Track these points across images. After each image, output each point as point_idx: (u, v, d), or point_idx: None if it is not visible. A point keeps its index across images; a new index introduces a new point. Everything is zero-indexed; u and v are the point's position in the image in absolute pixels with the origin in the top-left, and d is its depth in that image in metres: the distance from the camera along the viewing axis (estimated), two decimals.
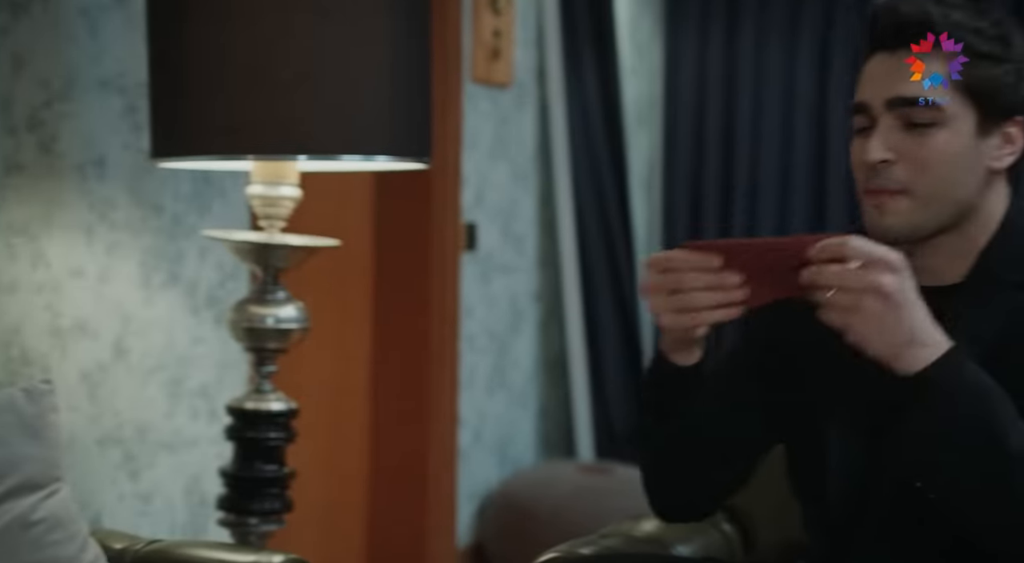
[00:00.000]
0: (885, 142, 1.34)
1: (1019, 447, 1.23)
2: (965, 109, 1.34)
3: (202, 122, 1.94)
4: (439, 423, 3.27)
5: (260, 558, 1.73)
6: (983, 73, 1.34)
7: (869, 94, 1.37)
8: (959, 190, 1.35)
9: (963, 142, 1.34)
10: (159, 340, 2.42)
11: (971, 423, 1.24)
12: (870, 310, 1.23)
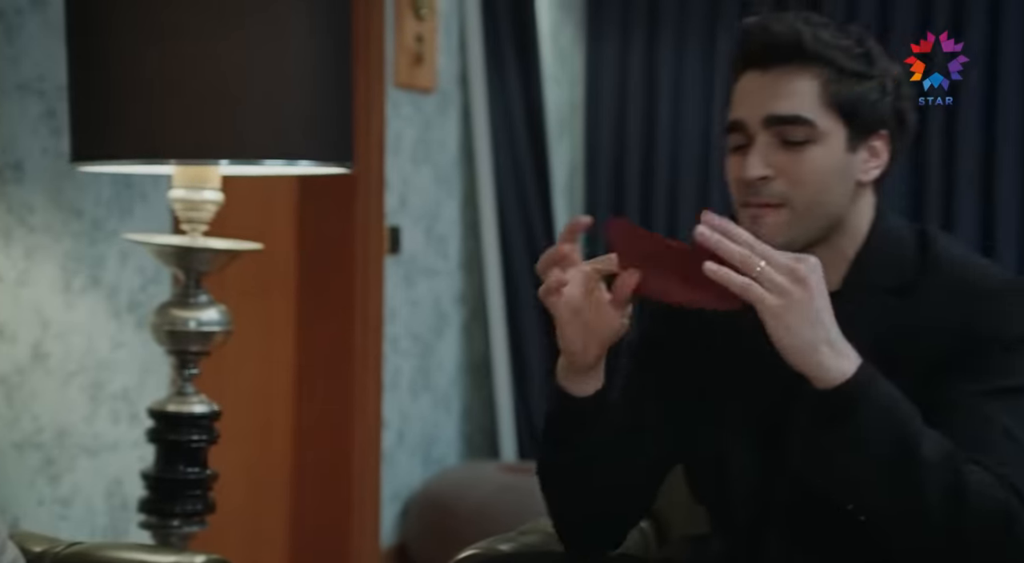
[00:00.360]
0: (763, 159, 1.38)
1: (930, 455, 1.28)
2: (835, 125, 1.39)
3: (123, 126, 1.95)
4: (363, 425, 3.29)
5: (182, 559, 1.74)
6: (850, 90, 1.39)
7: (745, 112, 1.41)
8: (833, 203, 1.41)
9: (835, 157, 1.39)
10: (79, 344, 2.41)
11: (888, 436, 1.28)
12: (797, 295, 1.27)
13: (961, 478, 1.28)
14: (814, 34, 1.38)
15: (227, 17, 1.92)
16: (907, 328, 1.39)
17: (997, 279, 1.42)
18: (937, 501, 1.27)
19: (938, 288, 1.41)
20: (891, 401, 1.30)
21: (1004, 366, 1.36)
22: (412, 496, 3.50)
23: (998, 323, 1.37)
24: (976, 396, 1.35)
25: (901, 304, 1.41)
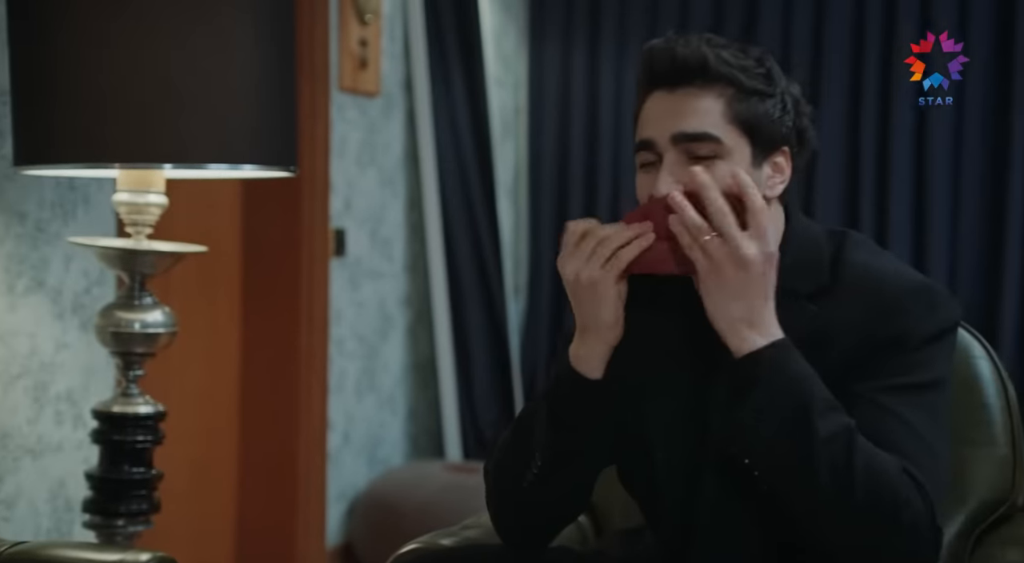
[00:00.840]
0: (673, 175, 1.44)
1: (827, 433, 1.35)
2: (740, 142, 1.46)
3: (67, 130, 1.96)
4: (308, 426, 3.31)
5: (127, 556, 1.76)
6: (753, 108, 1.45)
7: (654, 131, 1.46)
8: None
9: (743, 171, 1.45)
10: (23, 346, 2.42)
11: (786, 404, 1.36)
12: (729, 272, 1.37)
13: (851, 458, 1.35)
14: (717, 55, 1.44)
15: (171, 24, 1.94)
16: (820, 330, 1.46)
17: (904, 282, 1.48)
18: (826, 476, 1.34)
19: (847, 292, 1.47)
20: (796, 376, 1.38)
21: (906, 364, 1.43)
22: (358, 496, 3.53)
23: (901, 325, 1.44)
24: (879, 392, 1.42)
25: (815, 310, 1.47)
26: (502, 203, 4.18)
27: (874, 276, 1.49)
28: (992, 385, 1.80)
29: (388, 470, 3.63)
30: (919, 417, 1.42)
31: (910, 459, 1.39)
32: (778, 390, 1.37)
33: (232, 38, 2.00)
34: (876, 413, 1.41)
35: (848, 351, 1.44)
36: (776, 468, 1.38)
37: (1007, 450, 1.77)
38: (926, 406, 1.43)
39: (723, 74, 1.44)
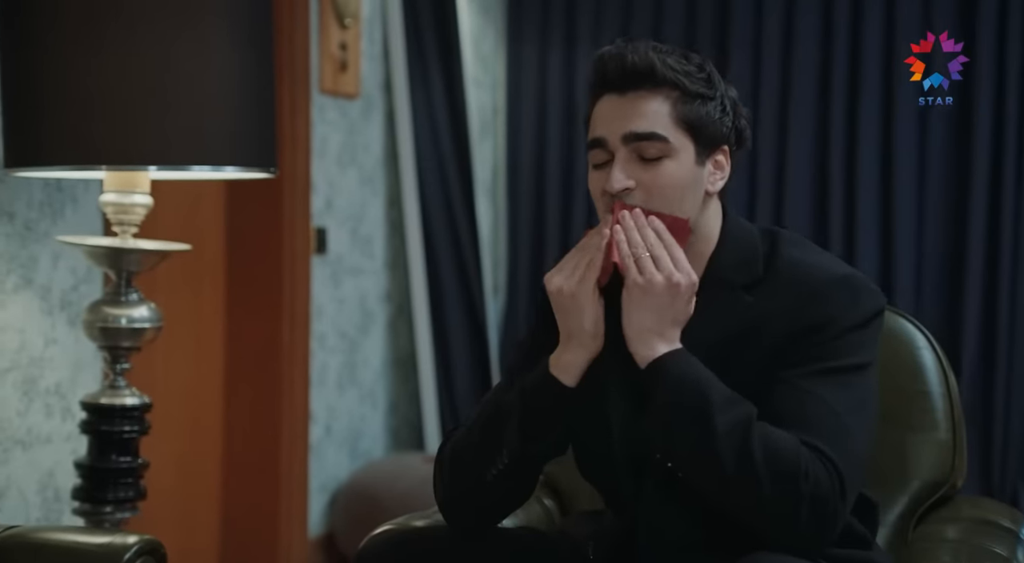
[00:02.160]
0: (624, 172, 1.55)
1: (725, 426, 1.47)
2: (685, 141, 1.57)
3: (55, 134, 2.05)
4: (290, 419, 3.40)
5: (115, 539, 1.86)
6: (696, 110, 1.56)
7: (606, 131, 1.57)
8: (686, 211, 1.58)
9: (686, 170, 1.57)
10: (12, 341, 2.50)
11: (686, 405, 1.49)
12: (657, 289, 1.51)
13: (750, 445, 1.46)
14: (663, 61, 1.55)
15: (155, 31, 2.03)
16: (754, 320, 1.57)
17: (828, 274, 1.59)
18: (730, 463, 1.46)
19: (779, 284, 1.58)
20: (696, 377, 1.50)
21: (830, 350, 1.54)
22: (339, 487, 3.63)
23: (825, 312, 1.55)
24: (803, 377, 1.52)
25: (750, 301, 1.58)
26: (481, 202, 4.27)
27: (803, 269, 1.59)
28: (934, 374, 1.91)
29: (369, 462, 3.73)
30: (838, 398, 1.52)
31: (825, 437, 1.49)
32: (680, 390, 1.49)
33: (212, 45, 2.08)
34: (797, 395, 1.51)
35: (779, 339, 1.55)
36: (685, 459, 1.51)
37: (947, 435, 1.88)
38: (846, 388, 1.53)
39: (669, 78, 1.55)
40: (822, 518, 1.47)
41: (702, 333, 1.56)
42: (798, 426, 1.49)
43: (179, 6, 2.04)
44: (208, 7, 2.08)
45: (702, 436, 1.47)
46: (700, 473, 1.50)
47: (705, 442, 1.47)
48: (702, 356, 1.55)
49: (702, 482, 1.51)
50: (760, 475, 1.46)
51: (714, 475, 1.48)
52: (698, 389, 1.50)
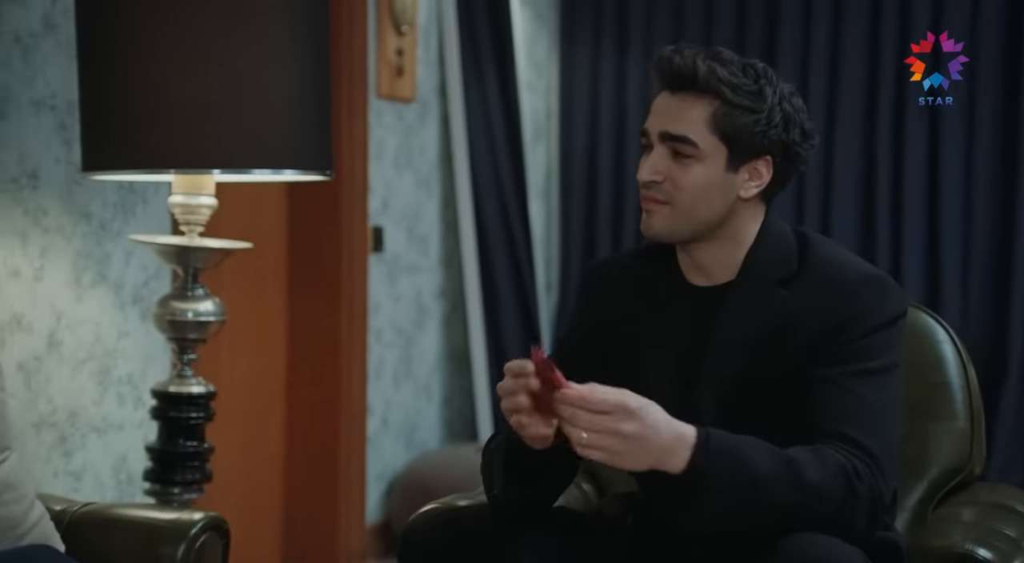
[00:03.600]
0: (654, 166, 1.66)
1: (772, 478, 1.51)
2: (718, 148, 1.66)
3: (128, 139, 2.20)
4: (348, 411, 3.55)
5: (182, 515, 2.01)
6: (736, 121, 1.65)
7: (650, 124, 1.69)
8: (709, 210, 1.68)
9: (714, 175, 1.66)
10: (89, 334, 2.67)
11: (735, 487, 1.51)
12: (616, 448, 1.49)
13: (801, 480, 1.51)
14: (711, 70, 1.64)
15: (219, 42, 2.18)
16: (789, 313, 1.66)
17: (858, 273, 1.68)
18: (793, 508, 1.52)
19: (812, 280, 1.68)
20: (730, 459, 1.50)
21: (864, 348, 1.63)
22: (396, 476, 3.77)
23: (857, 310, 1.64)
24: (844, 376, 1.61)
25: (785, 293, 1.68)
26: (534, 202, 4.40)
27: (835, 267, 1.69)
28: (954, 366, 2.00)
29: (424, 452, 3.86)
30: (876, 397, 1.61)
31: (868, 434, 1.58)
32: (722, 481, 1.50)
33: (273, 56, 2.23)
34: (839, 394, 1.60)
35: (812, 335, 1.64)
36: (749, 525, 1.55)
37: (966, 424, 1.97)
38: (882, 387, 1.63)
39: (711, 87, 1.64)
40: (873, 514, 1.56)
41: (740, 327, 1.67)
42: (842, 423, 1.58)
43: (242, 22, 2.19)
44: (269, 21, 2.22)
45: (757, 502, 1.51)
46: (766, 528, 1.53)
47: (761, 506, 1.51)
48: (740, 349, 1.65)
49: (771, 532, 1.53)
50: (822, 501, 1.51)
51: (780, 523, 1.52)
52: (739, 461, 1.50)
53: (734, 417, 1.64)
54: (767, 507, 1.52)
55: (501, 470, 1.69)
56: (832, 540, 1.50)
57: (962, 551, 1.65)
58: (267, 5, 2.22)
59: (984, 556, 1.65)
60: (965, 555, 1.64)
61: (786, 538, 1.50)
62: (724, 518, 1.54)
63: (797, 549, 1.49)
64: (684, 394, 1.69)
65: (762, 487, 1.51)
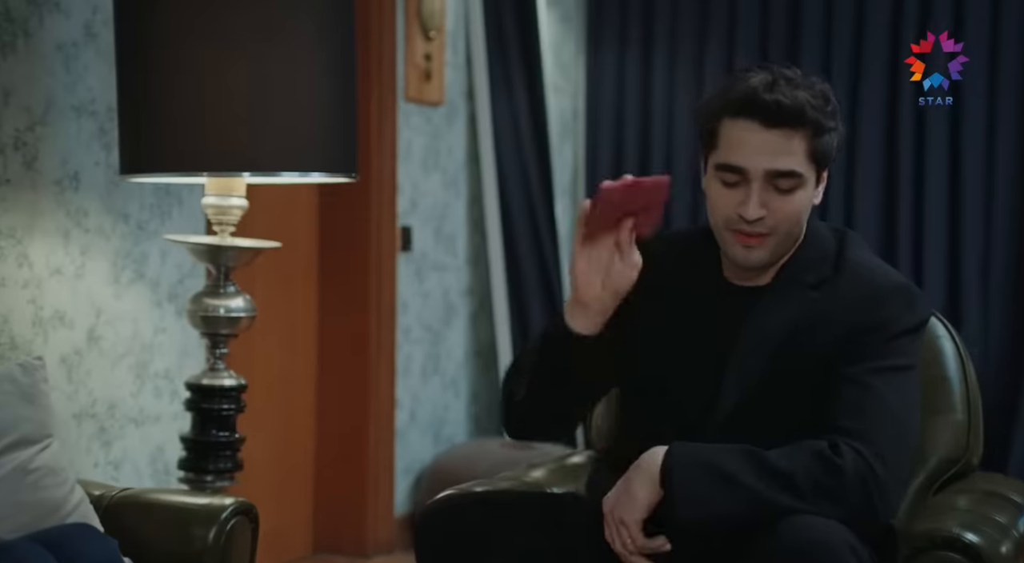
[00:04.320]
0: (760, 202, 1.71)
1: (755, 483, 1.62)
2: (812, 171, 1.73)
3: (164, 144, 2.32)
4: (377, 405, 3.66)
5: (214, 500, 2.12)
6: (825, 144, 1.72)
7: (748, 163, 1.70)
8: (800, 228, 1.77)
9: (810, 195, 1.75)
10: (127, 329, 2.79)
11: (708, 485, 1.63)
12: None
13: (765, 467, 1.63)
14: (810, 103, 1.69)
15: (249, 51, 2.28)
16: (818, 315, 1.75)
17: (888, 281, 1.77)
18: (765, 495, 1.62)
19: (842, 283, 1.76)
20: (696, 457, 1.65)
21: (886, 350, 1.71)
22: (423, 469, 3.87)
23: (883, 317, 1.72)
24: (865, 374, 1.70)
25: (816, 297, 1.76)
26: (561, 202, 4.48)
27: (866, 273, 1.77)
28: (953, 361, 2.08)
29: (452, 446, 3.96)
30: (892, 394, 1.69)
31: (872, 425, 1.66)
32: (693, 470, 1.65)
33: (301, 63, 2.33)
34: (859, 392, 1.69)
35: (839, 335, 1.72)
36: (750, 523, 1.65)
37: (964, 417, 2.05)
38: (899, 385, 1.71)
39: (811, 120, 1.69)
40: (867, 493, 1.62)
41: (772, 325, 1.75)
42: (850, 417, 1.66)
43: (271, 31, 2.29)
44: (297, 32, 2.33)
45: (730, 494, 1.62)
46: (749, 520, 1.64)
47: (758, 505, 1.62)
48: (772, 346, 1.74)
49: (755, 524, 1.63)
50: (790, 488, 1.62)
51: (756, 514, 1.63)
52: (714, 481, 1.63)
53: (752, 413, 1.74)
54: (739, 496, 1.61)
55: (530, 369, 1.77)
56: (823, 522, 1.58)
57: (950, 534, 1.72)
58: (295, 15, 2.32)
59: (971, 540, 1.72)
60: (953, 538, 1.72)
61: (783, 520, 1.59)
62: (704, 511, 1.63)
63: (789, 529, 1.57)
64: (706, 389, 1.77)
65: (728, 477, 1.61)
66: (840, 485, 1.62)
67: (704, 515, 1.63)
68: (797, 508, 1.60)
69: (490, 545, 1.74)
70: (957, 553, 1.71)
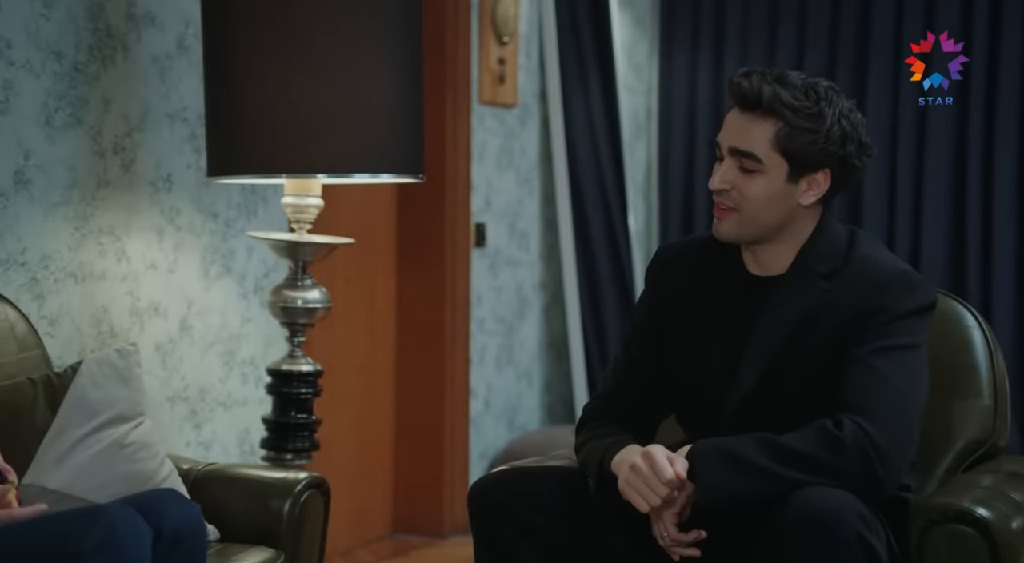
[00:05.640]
0: (723, 176, 1.88)
1: (762, 466, 1.77)
2: (779, 163, 1.86)
3: (245, 148, 2.52)
4: (453, 394, 3.84)
5: (289, 474, 2.32)
6: (796, 140, 1.85)
7: (722, 138, 1.90)
8: (770, 217, 1.89)
9: (775, 186, 1.87)
10: (216, 320, 3.02)
11: (727, 467, 1.78)
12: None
13: (776, 449, 1.77)
14: (774, 93, 1.83)
15: (324, 62, 2.48)
16: (827, 303, 1.89)
17: (891, 269, 1.89)
18: (780, 473, 1.76)
19: (851, 274, 1.90)
20: (714, 445, 1.81)
21: (888, 331, 1.84)
22: (497, 455, 4.05)
23: (884, 301, 1.85)
24: (868, 354, 1.83)
25: (827, 286, 1.90)
26: (634, 198, 4.62)
27: (872, 263, 1.90)
28: (981, 349, 2.19)
29: (525, 433, 4.13)
30: (895, 372, 1.82)
31: (876, 400, 1.79)
32: (712, 457, 1.80)
33: (371, 73, 2.52)
34: (863, 371, 1.82)
35: (846, 321, 1.86)
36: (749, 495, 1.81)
37: (991, 401, 2.15)
38: (902, 363, 1.84)
39: (775, 110, 1.83)
40: (868, 466, 1.75)
41: (785, 313, 1.89)
42: (856, 394, 1.80)
43: (343, 44, 2.48)
44: (368, 43, 2.51)
45: (779, 486, 1.76)
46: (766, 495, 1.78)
47: (777, 487, 1.76)
48: (786, 333, 1.88)
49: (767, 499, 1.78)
50: (801, 463, 1.76)
51: (774, 489, 1.77)
52: (724, 452, 1.80)
53: (768, 393, 1.89)
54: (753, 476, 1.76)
55: (595, 476, 1.93)
56: (834, 492, 1.71)
57: (961, 508, 1.83)
58: (366, 30, 2.51)
59: (981, 514, 1.83)
60: (964, 511, 1.83)
61: (796, 493, 1.72)
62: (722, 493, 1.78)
63: (802, 501, 1.71)
64: (728, 371, 1.92)
65: (743, 461, 1.77)
66: (842, 457, 1.75)
67: (723, 497, 1.78)
68: (807, 482, 1.73)
69: (517, 515, 1.91)
70: (968, 526, 1.82)
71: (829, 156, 1.87)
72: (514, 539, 1.93)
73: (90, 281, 2.69)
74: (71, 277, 2.65)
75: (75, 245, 2.66)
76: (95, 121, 2.69)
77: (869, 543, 1.70)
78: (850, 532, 1.69)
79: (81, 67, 2.65)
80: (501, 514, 1.94)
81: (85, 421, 2.17)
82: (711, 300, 1.95)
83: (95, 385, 2.20)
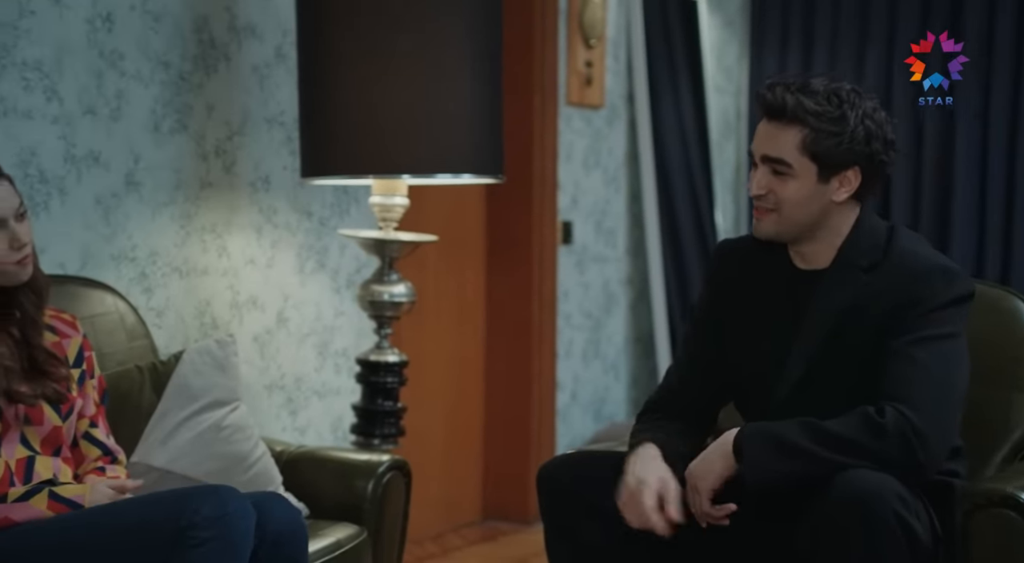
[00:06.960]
0: (759, 182, 1.99)
1: (808, 450, 1.86)
2: (808, 166, 1.96)
3: (336, 150, 2.68)
4: (540, 386, 3.97)
5: (373, 457, 2.48)
6: (821, 143, 1.94)
7: (755, 146, 2.01)
8: (806, 216, 1.98)
9: (807, 188, 1.96)
10: (311, 313, 3.19)
11: (773, 450, 1.88)
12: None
13: (820, 433, 1.86)
14: (797, 102, 1.94)
15: (408, 69, 2.62)
16: (868, 295, 1.97)
17: (930, 262, 1.97)
18: (825, 457, 1.85)
19: (891, 268, 1.98)
20: (761, 429, 1.90)
21: (926, 321, 1.92)
22: (584, 445, 4.16)
23: (922, 293, 1.93)
24: (907, 344, 1.91)
25: (868, 280, 1.99)
26: (723, 197, 4.69)
27: (911, 257, 1.99)
28: None
29: (611, 424, 4.24)
30: (934, 361, 1.90)
31: (917, 389, 1.87)
32: (759, 439, 1.90)
33: (452, 79, 2.65)
34: (903, 361, 1.90)
35: (885, 312, 1.94)
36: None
37: None
38: (941, 352, 1.92)
39: (798, 117, 1.94)
40: (908, 451, 1.84)
41: (828, 305, 1.99)
42: (896, 384, 1.88)
43: (427, 51, 2.62)
44: (451, 48, 2.65)
45: (823, 466, 1.85)
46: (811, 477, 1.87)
47: (820, 468, 1.85)
48: (829, 324, 1.97)
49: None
50: (845, 447, 1.85)
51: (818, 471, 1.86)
52: (770, 437, 1.89)
53: (814, 382, 1.98)
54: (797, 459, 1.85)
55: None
56: (876, 475, 1.80)
57: (1006, 492, 1.89)
58: (448, 38, 2.65)
59: None
60: (1008, 496, 1.89)
61: (839, 475, 1.81)
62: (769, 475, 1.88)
63: (844, 482, 1.80)
64: (779, 360, 2.02)
65: (789, 444, 1.86)
66: (884, 442, 1.83)
67: (768, 478, 1.88)
68: (849, 465, 1.82)
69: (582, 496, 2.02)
70: (1012, 510, 1.88)
71: (856, 155, 1.96)
72: (580, 518, 2.04)
73: (194, 276, 2.88)
74: (176, 272, 2.84)
75: (180, 242, 2.85)
76: (199, 126, 2.88)
77: (908, 523, 1.78)
78: (889, 512, 1.77)
79: (186, 76, 2.84)
80: (567, 494, 2.06)
81: (186, 405, 2.34)
82: (763, 294, 2.05)
83: (196, 372, 2.37)
